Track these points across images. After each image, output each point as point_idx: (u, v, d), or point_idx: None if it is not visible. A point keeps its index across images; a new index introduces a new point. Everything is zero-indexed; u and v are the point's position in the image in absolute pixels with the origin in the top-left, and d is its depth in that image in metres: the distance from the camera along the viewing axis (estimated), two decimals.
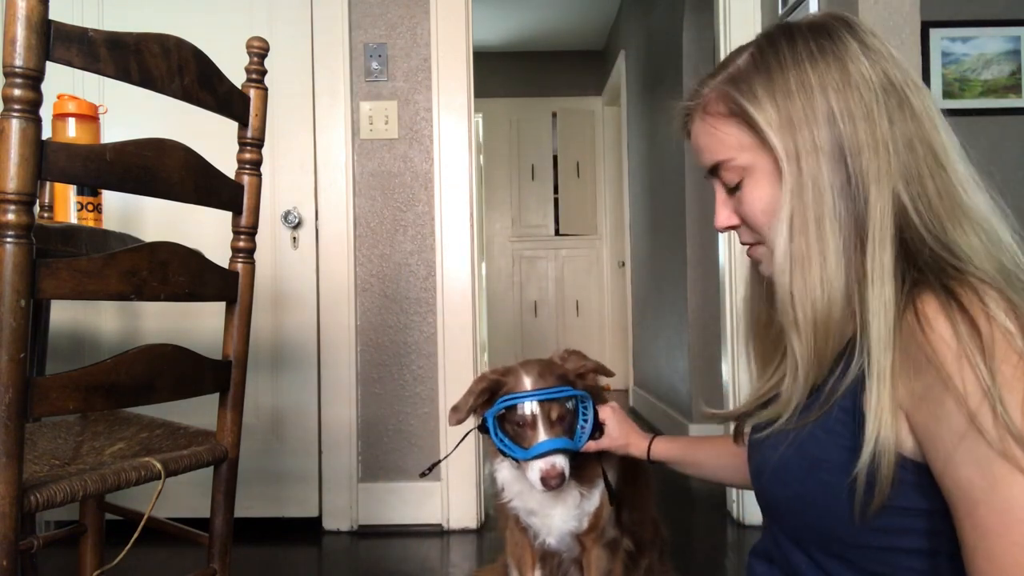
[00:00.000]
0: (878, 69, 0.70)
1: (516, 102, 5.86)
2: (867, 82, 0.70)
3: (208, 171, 1.11)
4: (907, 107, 0.70)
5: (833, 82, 0.70)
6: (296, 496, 2.34)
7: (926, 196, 0.69)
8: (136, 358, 1.00)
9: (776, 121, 0.71)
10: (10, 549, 0.83)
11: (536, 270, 5.90)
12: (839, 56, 0.71)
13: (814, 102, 0.70)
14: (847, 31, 0.72)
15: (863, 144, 0.69)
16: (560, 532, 1.23)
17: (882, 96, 0.70)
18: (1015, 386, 0.58)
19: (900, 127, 0.70)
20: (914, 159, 0.69)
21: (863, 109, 0.69)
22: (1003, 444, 0.58)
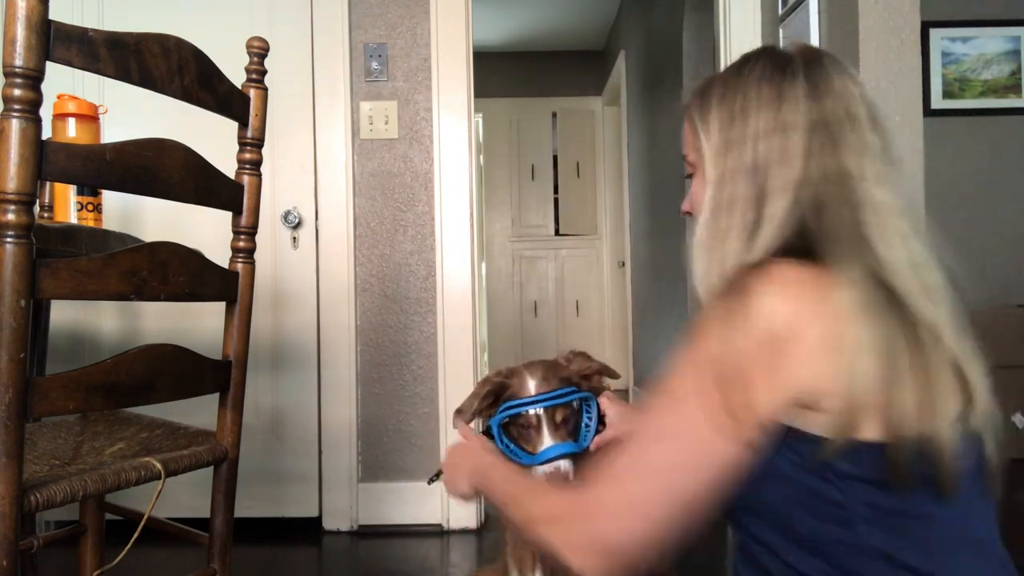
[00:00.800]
0: (815, 109, 0.79)
1: (516, 102, 5.86)
2: (795, 124, 0.79)
3: (208, 171, 1.11)
4: (829, 147, 0.78)
5: (766, 119, 0.80)
6: (296, 496, 2.34)
7: (822, 227, 0.76)
8: (136, 358, 1.00)
9: (715, 140, 0.83)
10: (10, 549, 0.83)
11: (536, 270, 5.90)
12: (781, 95, 0.80)
13: (747, 127, 0.80)
14: (803, 70, 0.81)
15: (772, 180, 0.78)
16: None
17: (805, 135, 0.78)
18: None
19: (818, 161, 0.78)
20: (827, 189, 0.77)
21: (781, 149, 0.79)
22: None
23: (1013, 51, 3.38)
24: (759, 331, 0.68)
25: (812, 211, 0.76)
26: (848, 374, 0.67)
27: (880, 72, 1.72)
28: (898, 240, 0.75)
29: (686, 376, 0.72)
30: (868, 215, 0.75)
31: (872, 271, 0.71)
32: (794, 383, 0.68)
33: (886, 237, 0.75)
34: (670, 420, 0.73)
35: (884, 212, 0.76)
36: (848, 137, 0.78)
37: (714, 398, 0.68)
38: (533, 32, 5.51)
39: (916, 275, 0.73)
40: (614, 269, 5.62)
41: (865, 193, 0.76)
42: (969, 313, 0.78)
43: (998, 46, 3.40)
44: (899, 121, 1.72)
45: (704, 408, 0.69)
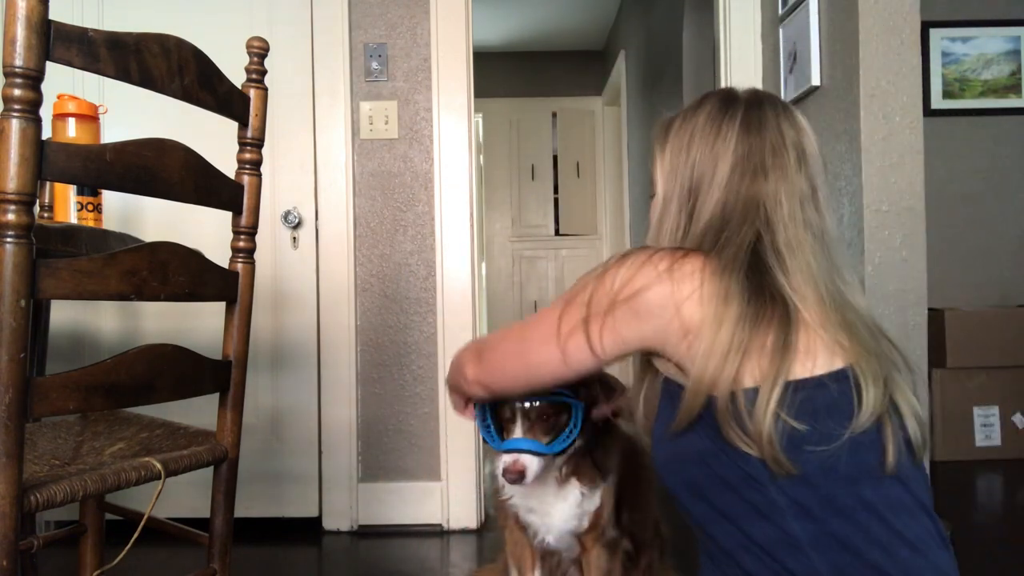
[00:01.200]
0: (744, 145, 0.91)
1: (516, 102, 5.86)
2: (725, 155, 0.92)
3: (208, 171, 1.11)
4: (760, 177, 0.90)
5: (703, 151, 0.93)
6: (296, 496, 2.34)
7: (731, 232, 0.87)
8: (136, 358, 1.00)
9: (666, 166, 0.97)
10: (10, 549, 0.83)
11: (536, 270, 5.90)
12: (719, 131, 0.93)
13: (689, 158, 0.94)
14: (743, 110, 0.93)
15: (701, 200, 0.93)
16: (559, 531, 1.23)
17: (730, 166, 0.91)
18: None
19: (748, 187, 0.90)
20: (754, 211, 0.89)
21: (709, 176, 0.92)
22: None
23: (1013, 51, 3.38)
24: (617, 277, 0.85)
25: (722, 222, 0.90)
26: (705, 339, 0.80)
27: (880, 72, 1.72)
28: (795, 251, 0.86)
29: (576, 292, 0.90)
30: (768, 236, 0.87)
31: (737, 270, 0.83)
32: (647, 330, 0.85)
33: (784, 249, 0.86)
34: (549, 317, 0.92)
35: (789, 228, 0.87)
36: (768, 173, 0.90)
37: (585, 310, 0.87)
38: (533, 32, 5.51)
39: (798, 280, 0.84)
40: None
41: (776, 221, 0.88)
42: (970, 313, 0.80)
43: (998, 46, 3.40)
44: (899, 121, 1.72)
45: (574, 314, 0.88)
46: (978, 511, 2.42)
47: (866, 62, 1.72)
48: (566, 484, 1.20)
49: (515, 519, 1.29)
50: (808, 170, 0.91)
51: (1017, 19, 3.33)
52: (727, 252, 0.85)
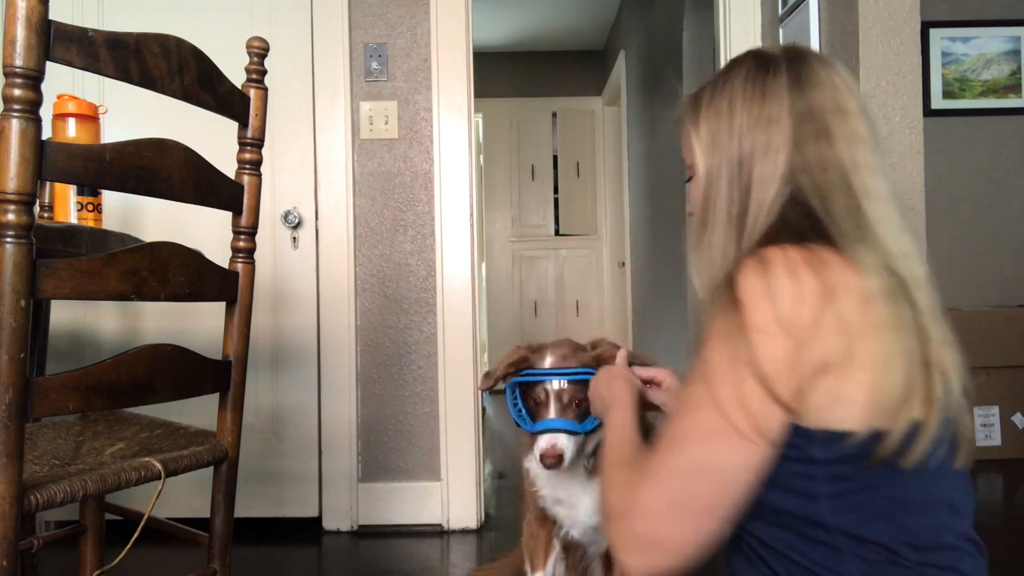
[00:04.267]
0: (801, 103, 0.81)
1: (516, 102, 5.86)
2: (779, 117, 0.82)
3: (208, 171, 1.11)
4: (824, 136, 0.80)
5: (750, 114, 0.83)
6: (296, 496, 2.34)
7: (831, 213, 0.77)
8: (136, 358, 1.00)
9: (704, 139, 0.87)
10: (10, 549, 0.83)
11: (536, 270, 5.89)
12: (764, 91, 0.83)
13: (733, 127, 0.84)
14: (786, 65, 0.84)
15: (756, 172, 0.82)
16: (584, 525, 1.25)
17: (791, 130, 0.81)
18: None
19: (812, 150, 0.80)
20: (825, 177, 0.79)
21: (764, 141, 0.82)
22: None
23: (1013, 51, 3.38)
24: (767, 320, 0.68)
25: (817, 198, 0.78)
26: (881, 367, 0.68)
27: (880, 72, 1.72)
28: (894, 230, 0.77)
29: (709, 376, 0.72)
30: (866, 204, 0.77)
31: (882, 259, 0.73)
32: (807, 366, 0.68)
33: (884, 226, 0.76)
34: (700, 421, 0.72)
35: (879, 202, 0.78)
36: (837, 128, 0.80)
37: (737, 398, 0.69)
38: (533, 32, 5.50)
39: (908, 265, 0.75)
40: (614, 269, 5.62)
41: (861, 183, 0.78)
42: (970, 313, 0.79)
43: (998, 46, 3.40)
44: (899, 121, 1.72)
45: (729, 409, 0.69)
46: (978, 511, 2.42)
47: (866, 62, 1.72)
48: (593, 478, 1.22)
49: (540, 513, 1.30)
50: (867, 119, 0.83)
51: (1017, 19, 3.33)
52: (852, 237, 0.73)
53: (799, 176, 0.80)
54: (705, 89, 0.90)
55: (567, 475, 1.22)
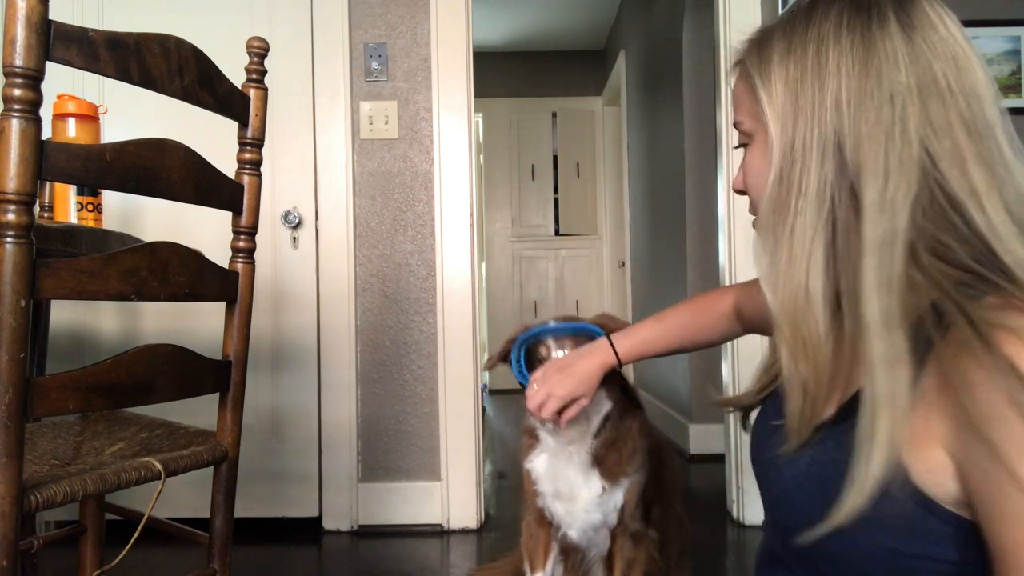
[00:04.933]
0: (921, 59, 0.63)
1: (516, 102, 5.86)
2: (895, 74, 0.63)
3: (208, 171, 1.11)
4: (953, 108, 0.63)
5: (849, 67, 0.64)
6: (296, 496, 2.34)
7: (978, 201, 0.62)
8: (136, 358, 1.00)
9: (780, 102, 0.68)
10: (10, 549, 0.83)
11: (536, 270, 5.89)
12: (869, 37, 0.64)
13: (825, 86, 0.65)
14: (893, 8, 0.65)
15: (865, 143, 0.63)
16: (582, 523, 1.25)
17: (915, 92, 0.62)
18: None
19: (944, 127, 0.62)
20: (962, 166, 0.62)
21: (876, 102, 0.63)
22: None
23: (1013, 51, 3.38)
24: None
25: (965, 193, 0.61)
26: None
27: None
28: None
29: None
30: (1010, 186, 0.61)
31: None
32: None
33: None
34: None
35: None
36: (963, 94, 0.63)
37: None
38: (533, 32, 5.50)
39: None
40: (614, 269, 5.62)
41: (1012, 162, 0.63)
42: None
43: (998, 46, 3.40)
44: None
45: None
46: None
47: None
48: (592, 471, 1.23)
49: (539, 513, 1.30)
50: (994, 85, 0.65)
51: (1017, 19, 3.32)
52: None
53: (934, 155, 0.62)
54: (776, 31, 0.70)
55: (568, 463, 1.22)
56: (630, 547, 1.27)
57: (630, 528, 1.27)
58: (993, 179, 0.62)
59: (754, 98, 0.70)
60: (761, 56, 0.70)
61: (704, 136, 3.26)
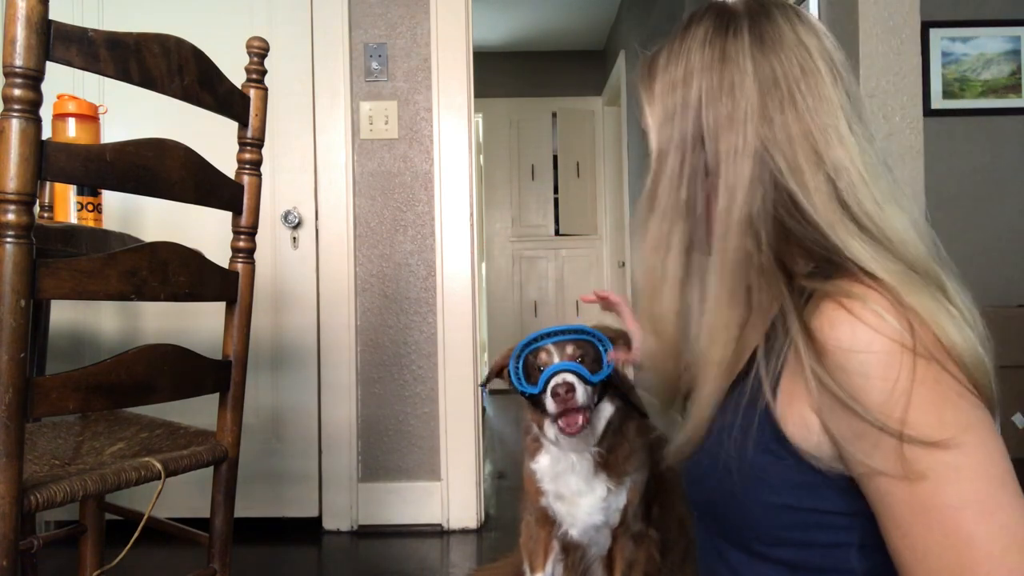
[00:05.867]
0: (765, 71, 0.72)
1: (516, 102, 5.86)
2: (742, 84, 0.72)
3: (208, 171, 1.11)
4: (790, 106, 0.71)
5: (708, 83, 0.74)
6: (296, 496, 2.34)
7: (808, 193, 0.70)
8: (136, 358, 1.00)
9: (658, 110, 0.78)
10: (10, 549, 0.83)
11: (536, 270, 5.89)
12: (724, 55, 0.74)
13: (689, 92, 0.75)
14: (748, 23, 0.74)
15: (720, 149, 0.73)
16: (584, 524, 1.25)
17: (757, 101, 0.72)
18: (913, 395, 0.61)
19: (780, 124, 0.71)
20: (794, 155, 0.70)
21: (728, 113, 0.72)
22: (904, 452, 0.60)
23: (1013, 51, 3.38)
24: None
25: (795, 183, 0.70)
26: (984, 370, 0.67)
27: (880, 72, 1.72)
28: (878, 209, 0.70)
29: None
30: (841, 183, 0.70)
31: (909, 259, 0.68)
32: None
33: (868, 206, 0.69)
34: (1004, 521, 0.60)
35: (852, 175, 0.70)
36: (803, 96, 0.71)
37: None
38: (533, 32, 5.50)
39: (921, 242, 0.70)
40: (614, 269, 5.62)
41: (832, 157, 0.70)
42: None
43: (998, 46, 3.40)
44: (899, 121, 1.72)
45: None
46: None
47: (866, 62, 1.72)
48: (596, 476, 1.22)
49: (541, 513, 1.30)
50: (843, 82, 0.73)
51: (1017, 19, 3.33)
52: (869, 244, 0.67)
53: (774, 155, 0.71)
54: (661, 52, 0.79)
55: (571, 469, 1.22)
56: (631, 547, 1.27)
57: (632, 528, 1.26)
58: (819, 169, 0.70)
59: (642, 108, 0.81)
60: (649, 75, 0.80)
61: None
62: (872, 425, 0.61)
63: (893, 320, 0.62)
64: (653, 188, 0.77)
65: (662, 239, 0.77)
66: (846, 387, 0.62)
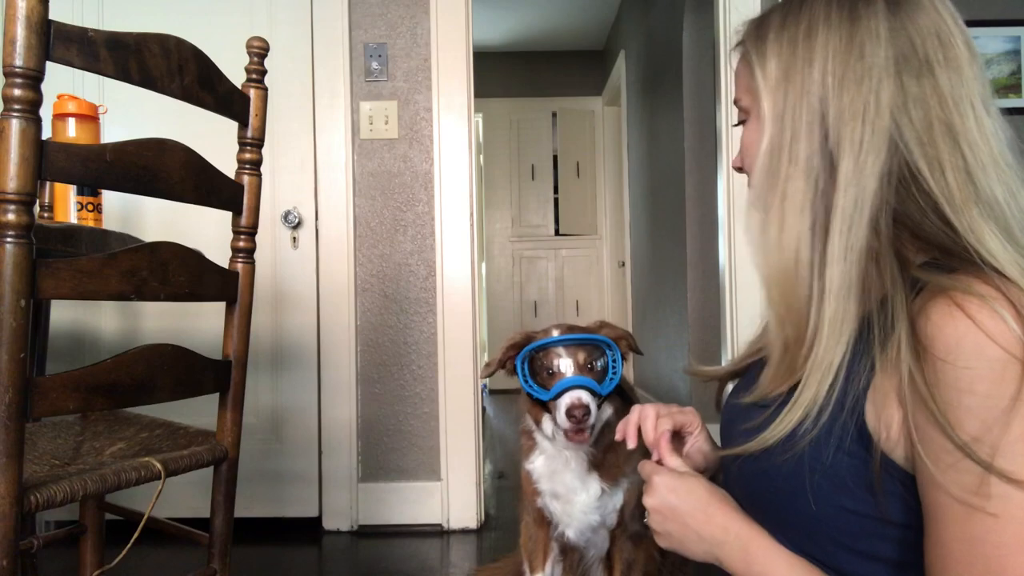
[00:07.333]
0: (902, 36, 0.66)
1: (516, 102, 5.86)
2: (875, 49, 0.66)
3: (208, 171, 1.11)
4: (927, 81, 0.66)
5: (836, 42, 0.68)
6: (296, 496, 2.34)
7: (941, 170, 0.64)
8: (136, 358, 1.00)
9: (773, 76, 0.71)
10: (10, 549, 0.83)
11: (536, 270, 5.89)
12: (855, 14, 0.68)
13: (813, 61, 0.69)
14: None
15: (846, 112, 0.67)
16: (580, 524, 1.25)
17: (892, 66, 0.66)
18: (1013, 420, 0.55)
19: (916, 94, 0.65)
20: (929, 128, 0.65)
21: (857, 76, 0.67)
22: (983, 481, 0.56)
23: (1013, 51, 3.38)
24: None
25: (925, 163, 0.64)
26: None
27: None
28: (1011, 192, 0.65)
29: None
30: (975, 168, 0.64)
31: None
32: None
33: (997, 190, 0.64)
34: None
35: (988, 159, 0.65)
36: (941, 67, 0.66)
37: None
38: (533, 32, 5.50)
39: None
40: (614, 269, 5.62)
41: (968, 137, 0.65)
42: None
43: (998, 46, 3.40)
44: None
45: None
46: None
47: None
48: (590, 475, 1.22)
49: (539, 514, 1.30)
50: (978, 60, 0.68)
51: (1017, 19, 3.32)
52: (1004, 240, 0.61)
53: (903, 127, 0.65)
54: (774, 12, 0.74)
55: (565, 466, 1.22)
56: (630, 548, 1.27)
57: (630, 529, 1.26)
58: (956, 148, 0.64)
59: (751, 74, 0.74)
60: (758, 35, 0.74)
61: (704, 136, 3.26)
62: (958, 449, 0.56)
63: (1015, 324, 0.55)
64: (773, 156, 0.71)
65: (792, 209, 0.69)
66: (940, 399, 0.57)
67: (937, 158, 0.65)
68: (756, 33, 0.75)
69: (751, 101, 0.75)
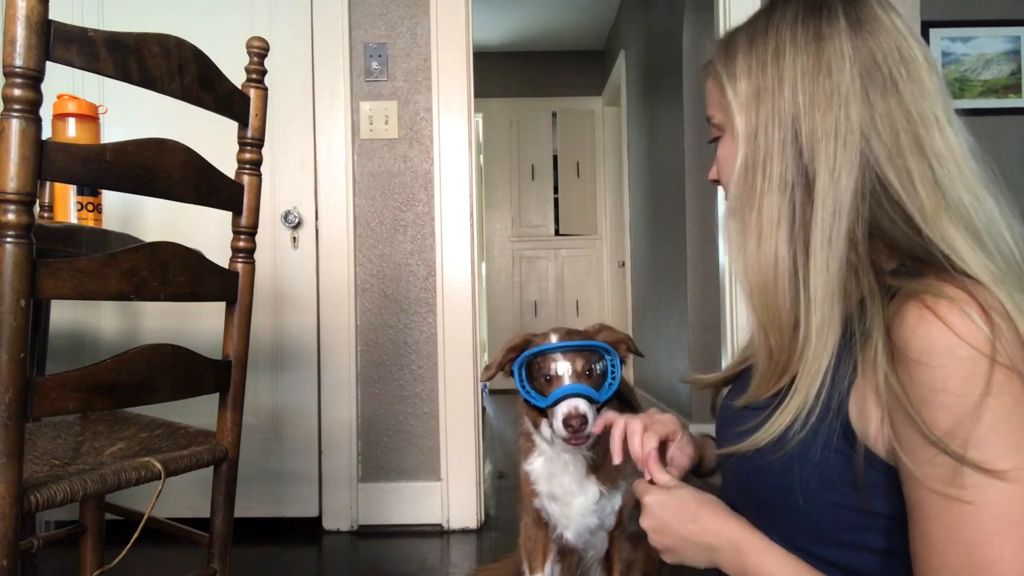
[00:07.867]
0: (865, 54, 0.69)
1: (516, 102, 5.86)
2: (841, 67, 0.69)
3: (208, 171, 1.11)
4: (893, 96, 0.69)
5: (804, 62, 0.71)
6: (296, 496, 2.34)
7: (911, 181, 0.68)
8: (136, 358, 1.00)
9: (744, 95, 0.74)
10: (10, 549, 0.83)
11: (536, 270, 5.89)
12: (820, 35, 0.71)
13: (783, 81, 0.71)
14: (843, 6, 0.72)
15: (819, 129, 0.69)
16: (578, 525, 1.24)
17: (858, 84, 0.69)
18: (983, 413, 0.58)
19: (882, 109, 0.68)
20: (896, 141, 0.68)
21: (827, 94, 0.69)
22: (958, 472, 0.59)
23: (1013, 51, 3.38)
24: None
25: (893, 171, 0.67)
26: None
27: None
28: (972, 195, 0.68)
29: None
30: (940, 171, 0.67)
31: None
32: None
33: (958, 189, 0.68)
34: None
35: (951, 164, 0.68)
36: (904, 81, 0.69)
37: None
38: (533, 32, 5.50)
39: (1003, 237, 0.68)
40: (614, 269, 5.62)
41: (932, 146, 0.68)
42: None
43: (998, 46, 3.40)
44: None
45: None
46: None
47: None
48: (588, 478, 1.22)
49: (536, 515, 1.30)
50: (936, 71, 0.71)
51: (1017, 19, 3.32)
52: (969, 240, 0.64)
53: (872, 141, 0.68)
54: (741, 31, 0.77)
55: (564, 469, 1.22)
56: (629, 549, 1.27)
57: (628, 530, 1.26)
58: (923, 160, 0.68)
59: (722, 92, 0.77)
60: (727, 54, 0.77)
61: (704, 136, 3.26)
62: (933, 445, 0.59)
63: (982, 324, 0.59)
64: (748, 173, 0.73)
65: (769, 223, 0.72)
66: (915, 398, 0.60)
67: (907, 170, 0.68)
68: (725, 53, 0.77)
69: (724, 118, 0.78)
